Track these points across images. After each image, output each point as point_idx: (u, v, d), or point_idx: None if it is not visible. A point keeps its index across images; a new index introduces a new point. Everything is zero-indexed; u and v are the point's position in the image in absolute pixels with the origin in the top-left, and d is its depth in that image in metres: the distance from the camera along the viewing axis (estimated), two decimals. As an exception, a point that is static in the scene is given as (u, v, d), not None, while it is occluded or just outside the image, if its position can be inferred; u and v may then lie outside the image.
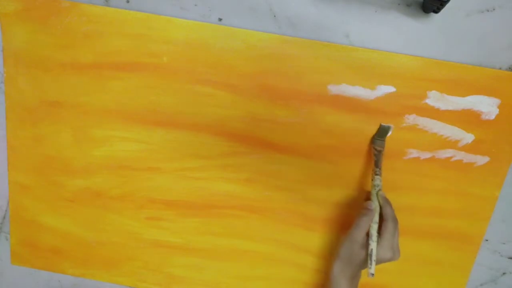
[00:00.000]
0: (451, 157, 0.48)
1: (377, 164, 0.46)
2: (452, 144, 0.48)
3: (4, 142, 0.53)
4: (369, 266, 0.43)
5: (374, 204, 0.45)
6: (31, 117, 0.51)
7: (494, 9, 0.44)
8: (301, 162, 0.50)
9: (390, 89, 0.46)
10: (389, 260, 0.44)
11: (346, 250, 0.45)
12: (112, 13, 0.46)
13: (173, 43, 0.47)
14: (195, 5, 0.46)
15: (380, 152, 0.47)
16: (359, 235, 0.44)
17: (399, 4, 0.44)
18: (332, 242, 0.52)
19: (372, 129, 0.48)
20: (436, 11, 0.42)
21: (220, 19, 0.46)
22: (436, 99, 0.46)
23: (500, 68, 0.45)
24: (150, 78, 0.48)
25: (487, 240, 0.52)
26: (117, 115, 0.50)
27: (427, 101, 0.46)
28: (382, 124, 0.47)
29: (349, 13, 0.45)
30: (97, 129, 0.51)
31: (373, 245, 0.43)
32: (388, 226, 0.44)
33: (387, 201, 0.46)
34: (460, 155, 0.48)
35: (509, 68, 0.45)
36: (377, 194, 0.46)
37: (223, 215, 0.53)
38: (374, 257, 0.43)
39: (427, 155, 0.48)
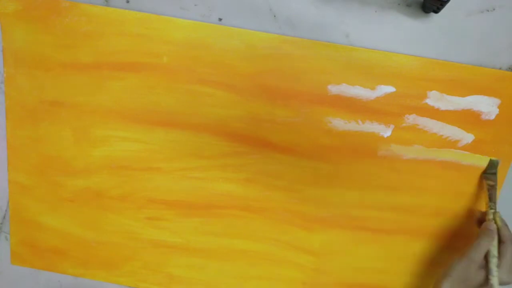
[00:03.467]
0: (451, 157, 0.48)
1: (491, 198, 0.46)
2: (452, 144, 0.48)
3: (4, 142, 0.53)
4: None
5: (494, 226, 0.44)
6: (31, 117, 0.51)
7: (494, 9, 0.44)
8: (301, 162, 0.50)
9: (390, 89, 0.46)
10: (506, 284, 0.42)
11: (461, 270, 0.43)
12: (112, 13, 0.46)
13: (173, 43, 0.47)
14: (195, 5, 0.46)
15: (493, 186, 0.46)
16: (479, 256, 0.42)
17: (399, 4, 0.44)
18: (332, 242, 0.52)
19: (372, 129, 0.48)
20: (436, 11, 0.42)
21: (220, 19, 0.46)
22: (436, 99, 0.46)
23: (500, 68, 0.45)
24: (150, 78, 0.48)
25: (487, 240, 0.52)
26: (117, 115, 0.50)
27: (427, 101, 0.46)
28: (491, 159, 0.47)
29: (349, 13, 0.45)
30: (97, 129, 0.51)
31: (493, 280, 0.41)
32: (507, 248, 0.42)
33: (505, 223, 0.45)
34: (460, 155, 0.48)
35: (509, 68, 0.45)
36: (494, 215, 0.45)
37: (223, 215, 0.53)
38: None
39: (427, 155, 0.48)
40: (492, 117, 0.46)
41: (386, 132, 0.48)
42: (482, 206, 0.49)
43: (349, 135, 0.48)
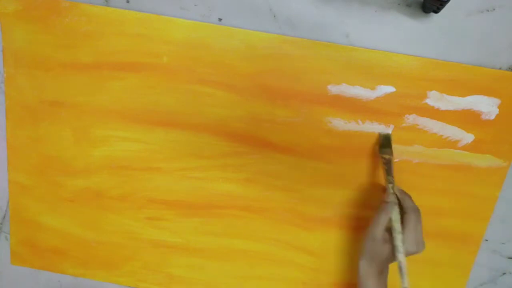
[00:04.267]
0: (451, 157, 0.48)
1: (388, 172, 0.45)
2: (452, 144, 0.48)
3: (4, 142, 0.53)
4: (402, 280, 0.41)
5: (391, 198, 0.44)
6: (31, 117, 0.51)
7: (494, 9, 0.44)
8: (301, 162, 0.50)
9: (390, 89, 0.46)
10: (414, 253, 0.42)
11: (369, 247, 0.44)
12: (112, 13, 0.46)
13: (173, 43, 0.47)
14: (195, 5, 0.46)
15: (389, 160, 0.46)
16: (378, 231, 0.43)
17: (399, 4, 0.44)
18: (332, 242, 0.52)
19: (372, 129, 0.48)
20: (436, 11, 0.42)
21: (220, 19, 0.46)
22: (436, 99, 0.46)
23: (500, 68, 0.45)
24: (150, 78, 0.48)
25: (486, 240, 0.52)
26: (117, 115, 0.50)
27: (427, 101, 0.46)
28: (382, 133, 0.47)
29: (349, 13, 0.45)
30: (97, 129, 0.51)
31: (400, 257, 0.41)
32: (410, 219, 0.42)
33: (404, 193, 0.45)
34: (460, 155, 0.48)
35: (509, 68, 0.45)
36: (392, 189, 0.45)
37: (223, 215, 0.53)
38: (404, 270, 0.41)
39: (427, 155, 0.48)
40: (492, 117, 0.46)
41: (386, 132, 0.48)
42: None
43: (349, 135, 0.48)
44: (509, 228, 0.51)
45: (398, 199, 0.44)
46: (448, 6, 0.40)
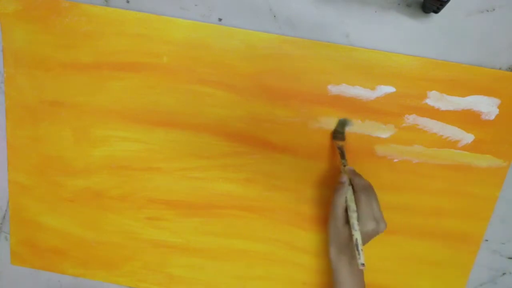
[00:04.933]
0: (451, 157, 0.48)
1: (342, 156, 0.46)
2: (452, 144, 0.48)
3: (4, 142, 0.53)
4: (358, 256, 0.40)
5: (344, 179, 0.44)
6: (31, 117, 0.51)
7: (494, 9, 0.44)
8: (301, 162, 0.50)
9: (390, 89, 0.46)
10: (374, 231, 0.41)
11: (333, 232, 0.44)
12: (112, 13, 0.46)
13: (173, 43, 0.47)
14: (195, 5, 0.46)
15: (342, 146, 0.47)
16: (338, 211, 0.43)
17: (399, 4, 0.44)
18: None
19: (372, 129, 0.48)
20: (436, 11, 0.42)
21: (220, 19, 0.46)
22: (436, 99, 0.46)
23: (500, 68, 0.45)
24: (150, 78, 0.48)
25: (486, 240, 0.52)
26: (117, 115, 0.50)
27: (427, 101, 0.46)
28: (340, 119, 0.47)
29: (349, 13, 0.45)
30: (97, 129, 0.51)
31: (356, 234, 0.41)
32: (361, 196, 0.42)
33: (355, 172, 0.44)
34: (460, 155, 0.48)
35: (509, 68, 0.45)
36: (344, 169, 0.45)
37: (223, 215, 0.53)
38: (360, 247, 0.40)
39: (427, 155, 0.48)
40: (492, 117, 0.46)
41: (386, 132, 0.48)
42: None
43: (349, 135, 0.48)
44: (509, 228, 0.51)
45: (349, 179, 0.44)
46: (448, 6, 0.40)
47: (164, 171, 0.52)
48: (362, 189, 0.42)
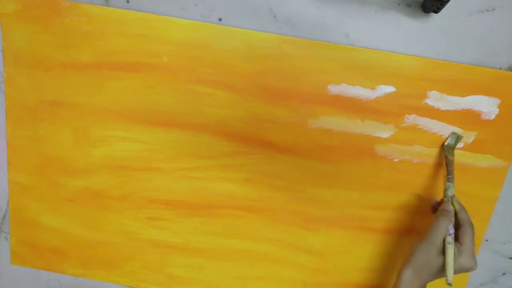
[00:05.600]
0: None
1: (450, 172, 0.45)
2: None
3: (4, 142, 0.53)
4: (447, 274, 0.40)
5: (450, 208, 0.43)
6: (31, 117, 0.51)
7: (494, 9, 0.44)
8: (301, 162, 0.50)
9: (390, 89, 0.46)
10: (470, 269, 0.41)
11: (422, 255, 0.41)
12: (112, 13, 0.46)
13: (173, 43, 0.47)
14: (195, 5, 0.46)
15: (452, 161, 0.45)
16: (438, 238, 0.41)
17: (399, 4, 0.44)
18: (332, 242, 0.52)
19: (372, 129, 0.48)
20: (436, 11, 0.42)
21: (220, 19, 0.46)
22: (436, 99, 0.46)
23: (500, 68, 0.45)
24: (150, 78, 0.48)
25: (487, 240, 0.52)
26: (117, 115, 0.50)
27: (427, 101, 0.46)
28: (453, 132, 0.46)
29: (349, 13, 0.45)
30: (97, 129, 0.51)
31: (450, 249, 0.40)
32: (468, 231, 0.41)
33: (462, 206, 0.44)
34: (460, 155, 0.48)
35: (509, 68, 0.45)
36: (451, 198, 0.44)
37: (223, 215, 0.53)
38: (452, 262, 0.40)
39: (427, 155, 0.48)
40: (492, 117, 0.46)
41: (386, 132, 0.48)
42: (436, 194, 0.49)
43: (349, 135, 0.48)
44: (509, 228, 0.51)
45: (455, 210, 0.43)
46: (448, 6, 0.40)
47: (164, 171, 0.52)
48: (470, 224, 0.42)
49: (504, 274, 0.54)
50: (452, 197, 0.44)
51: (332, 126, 0.48)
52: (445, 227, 0.42)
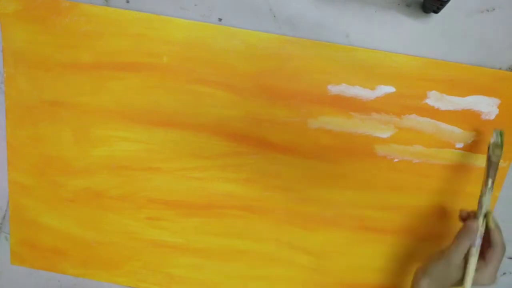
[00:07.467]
0: (450, 157, 0.48)
1: (491, 175, 0.41)
2: (452, 144, 0.48)
3: (4, 142, 0.53)
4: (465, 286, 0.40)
5: (478, 225, 0.41)
6: (31, 117, 0.51)
7: (494, 9, 0.44)
8: (301, 162, 0.50)
9: (390, 89, 0.46)
10: (487, 286, 0.41)
11: (440, 270, 0.41)
12: (112, 13, 0.46)
13: (173, 43, 0.47)
14: (195, 5, 0.46)
15: (497, 164, 0.42)
16: (458, 257, 0.41)
17: (399, 4, 0.44)
18: (332, 242, 0.52)
19: (372, 129, 0.48)
20: (436, 11, 0.42)
21: (220, 19, 0.46)
22: (436, 99, 0.46)
23: (500, 68, 0.45)
24: (150, 78, 0.48)
25: (487, 240, 0.52)
26: (117, 115, 0.50)
27: (427, 101, 0.46)
28: (496, 129, 0.42)
29: (349, 13, 0.45)
30: (97, 129, 0.51)
31: (473, 261, 0.40)
32: (498, 253, 0.40)
33: (498, 225, 0.41)
34: (460, 155, 0.48)
35: (509, 68, 0.45)
36: (485, 215, 0.41)
37: (223, 215, 0.53)
38: (472, 276, 0.40)
39: (427, 155, 0.48)
40: (492, 117, 0.46)
41: (386, 132, 0.48)
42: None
43: (349, 135, 0.48)
44: (509, 228, 0.51)
45: (489, 228, 0.41)
46: (448, 6, 0.40)
47: (164, 171, 0.52)
48: (502, 247, 0.41)
49: (503, 274, 0.54)
50: (488, 213, 0.41)
51: (332, 126, 0.48)
52: (466, 247, 0.41)
